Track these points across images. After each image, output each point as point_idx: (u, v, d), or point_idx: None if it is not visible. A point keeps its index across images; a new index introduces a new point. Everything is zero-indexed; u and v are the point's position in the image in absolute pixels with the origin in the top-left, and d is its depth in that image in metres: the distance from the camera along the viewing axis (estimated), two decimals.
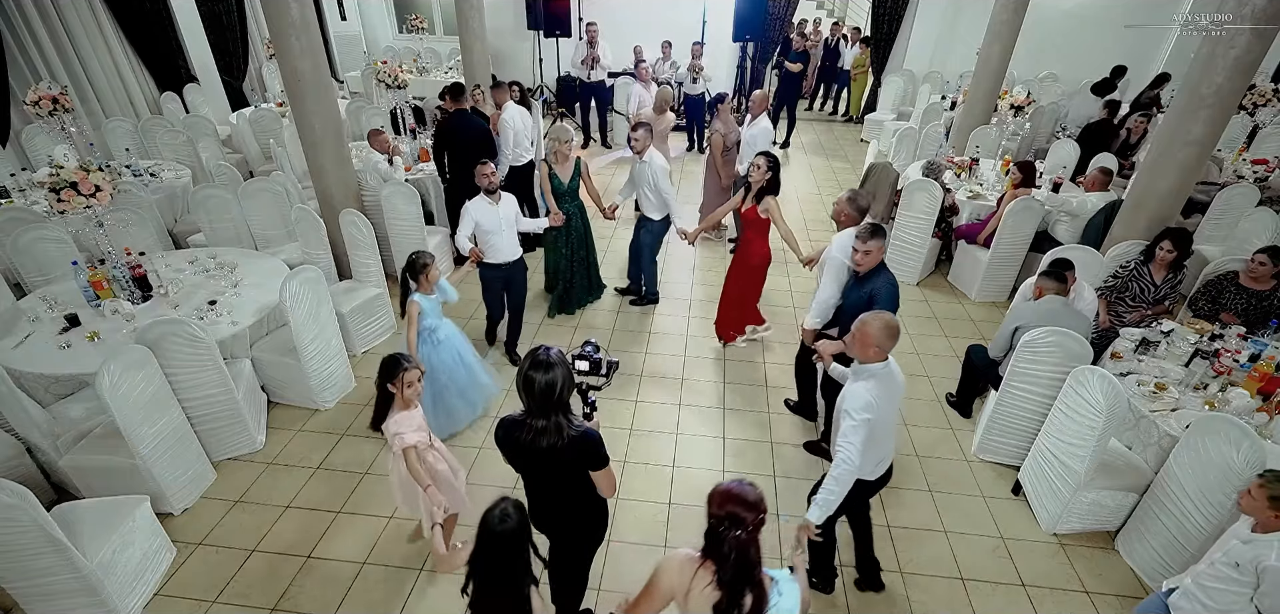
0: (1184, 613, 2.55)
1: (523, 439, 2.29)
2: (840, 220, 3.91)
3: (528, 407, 2.26)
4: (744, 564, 1.84)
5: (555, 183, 5.15)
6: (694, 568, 1.91)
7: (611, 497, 2.54)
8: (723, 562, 1.84)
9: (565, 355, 2.30)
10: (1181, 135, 4.53)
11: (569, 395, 2.27)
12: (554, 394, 2.20)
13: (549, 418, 2.24)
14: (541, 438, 2.25)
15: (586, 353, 2.53)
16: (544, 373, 2.19)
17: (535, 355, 2.23)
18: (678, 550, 2.00)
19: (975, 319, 5.77)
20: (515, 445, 2.34)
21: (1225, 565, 2.41)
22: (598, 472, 2.38)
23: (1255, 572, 2.31)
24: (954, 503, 3.90)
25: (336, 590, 3.30)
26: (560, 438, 2.25)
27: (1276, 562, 2.26)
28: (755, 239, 4.73)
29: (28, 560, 2.77)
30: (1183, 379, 3.71)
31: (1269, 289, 4.27)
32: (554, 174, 5.14)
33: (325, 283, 4.34)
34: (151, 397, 3.44)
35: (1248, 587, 2.35)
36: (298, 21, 4.58)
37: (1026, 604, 3.31)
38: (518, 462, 2.42)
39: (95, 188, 3.85)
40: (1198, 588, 2.50)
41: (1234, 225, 5.70)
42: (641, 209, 5.46)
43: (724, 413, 4.58)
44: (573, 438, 2.27)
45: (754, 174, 4.49)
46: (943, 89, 10.40)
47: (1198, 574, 2.53)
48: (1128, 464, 3.56)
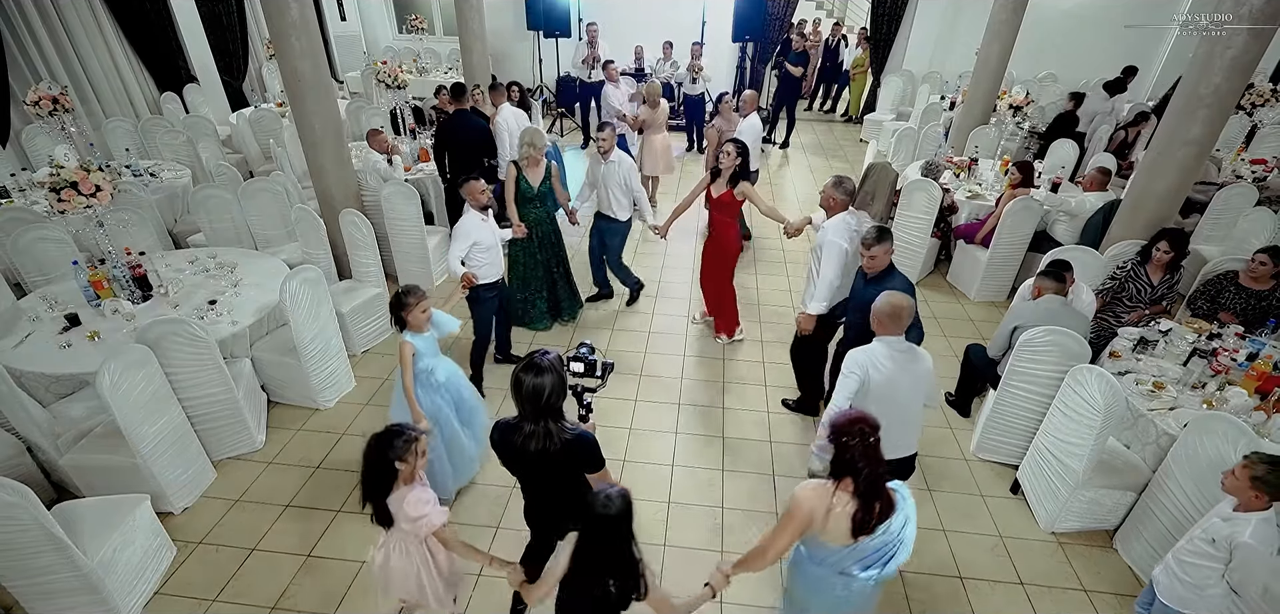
0: (1162, 586, 2.62)
1: (515, 443, 2.31)
2: (829, 207, 4.00)
3: (520, 410, 2.28)
4: (875, 473, 2.12)
5: (523, 186, 4.86)
6: (831, 490, 2.16)
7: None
8: (857, 474, 2.12)
9: (562, 361, 2.32)
10: (1180, 136, 4.54)
11: (559, 401, 2.27)
12: (541, 399, 2.21)
13: (538, 422, 2.25)
14: (531, 442, 2.27)
15: (581, 354, 2.54)
16: (533, 376, 2.21)
17: (531, 358, 2.25)
18: (806, 482, 2.25)
19: (974, 319, 5.78)
20: (510, 449, 2.35)
21: (1203, 541, 2.46)
22: (594, 474, 2.39)
23: (1229, 548, 2.37)
24: (953, 502, 3.91)
25: (336, 589, 3.31)
26: (550, 441, 2.26)
27: (1248, 539, 2.30)
28: (730, 225, 4.86)
29: (28, 559, 2.77)
30: (1181, 378, 3.71)
31: (1269, 289, 4.28)
32: (523, 177, 4.86)
33: (325, 282, 4.35)
34: (152, 396, 3.44)
35: (1221, 562, 2.41)
36: (297, 21, 4.59)
37: (1025, 602, 3.32)
38: (513, 465, 2.43)
39: (95, 188, 3.86)
40: (1176, 563, 2.57)
41: (1232, 225, 5.71)
42: (608, 211, 5.34)
43: (723, 412, 4.59)
44: (566, 442, 2.28)
45: (724, 160, 4.61)
46: (942, 89, 10.41)
47: (1177, 550, 2.59)
48: (1126, 463, 3.56)
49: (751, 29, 10.35)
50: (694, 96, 9.83)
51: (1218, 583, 2.43)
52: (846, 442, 2.13)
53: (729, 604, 3.24)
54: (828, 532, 2.17)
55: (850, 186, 3.93)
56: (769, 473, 4.09)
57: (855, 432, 2.12)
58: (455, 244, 4.13)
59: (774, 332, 5.41)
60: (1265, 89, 7.13)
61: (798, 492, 2.22)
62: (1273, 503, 2.31)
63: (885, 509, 2.16)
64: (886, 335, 2.90)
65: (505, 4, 11.24)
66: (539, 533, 2.79)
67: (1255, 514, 2.33)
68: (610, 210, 5.30)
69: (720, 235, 4.92)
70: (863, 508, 2.11)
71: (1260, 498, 2.31)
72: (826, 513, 2.15)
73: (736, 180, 4.63)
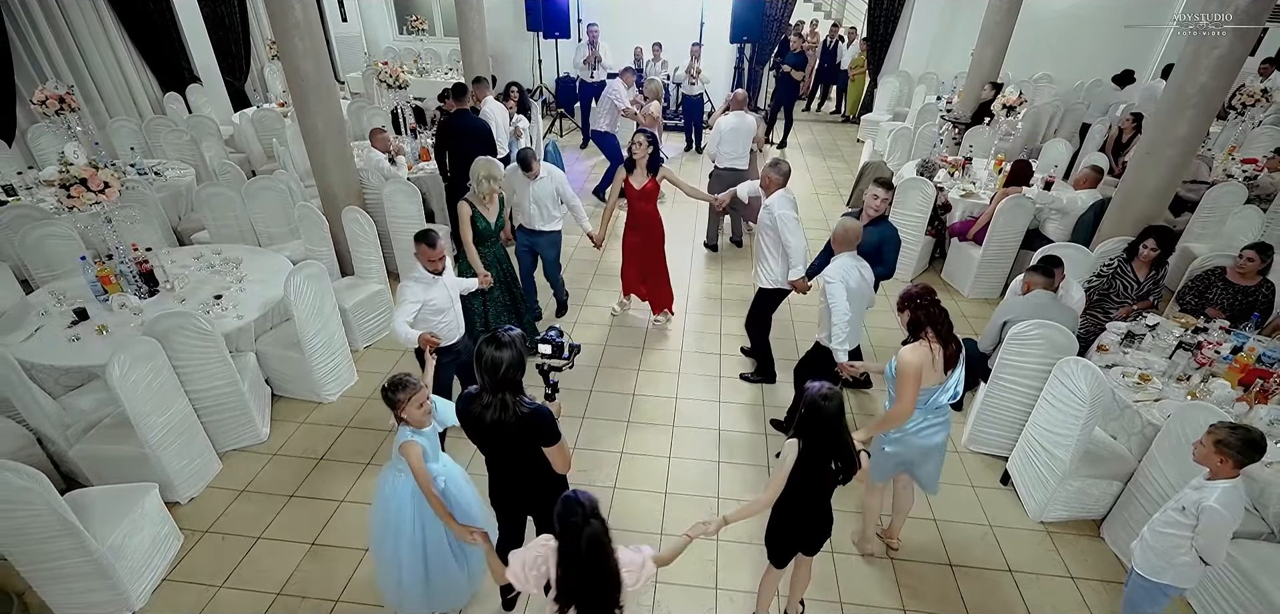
0: (1137, 558, 2.73)
1: (474, 411, 2.44)
2: (767, 186, 4.39)
3: (479, 380, 2.40)
4: (947, 320, 2.92)
5: (481, 225, 4.33)
6: (926, 344, 2.90)
7: (566, 472, 2.62)
8: (936, 324, 2.89)
9: (524, 339, 2.44)
10: (1168, 134, 4.63)
11: (517, 376, 2.38)
12: (499, 371, 2.33)
13: (496, 393, 2.37)
14: (488, 412, 2.39)
15: (550, 337, 2.67)
16: (494, 349, 2.33)
17: (495, 332, 2.38)
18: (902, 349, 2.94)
19: (968, 315, 5.86)
20: (469, 417, 2.48)
21: (1175, 510, 2.56)
22: (549, 448, 2.49)
23: (1197, 514, 2.46)
24: (944, 493, 3.96)
25: (341, 575, 3.38)
26: (505, 412, 2.38)
27: (1213, 503, 2.40)
28: (654, 210, 5.11)
29: (41, 543, 2.85)
30: (1166, 371, 3.80)
31: (1256, 284, 4.36)
32: (480, 216, 4.33)
33: (328, 278, 4.43)
34: (160, 387, 3.52)
35: (1190, 530, 2.50)
36: (301, 22, 4.67)
37: (1012, 589, 3.40)
38: (474, 435, 2.54)
39: (104, 184, 3.94)
40: (1150, 533, 2.67)
41: (1222, 223, 5.79)
42: (538, 225, 5.06)
43: (719, 406, 4.67)
44: (521, 415, 2.39)
45: (637, 151, 4.84)
46: (938, 90, 10.49)
47: (1153, 522, 2.68)
48: (1112, 453, 3.65)
49: (749, 30, 10.44)
50: (692, 97, 9.91)
51: (1187, 551, 2.53)
52: (919, 304, 2.90)
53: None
54: (929, 377, 2.90)
55: (785, 168, 4.39)
56: (765, 465, 4.17)
57: (923, 297, 2.91)
58: (399, 310, 3.36)
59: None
60: (1256, 90, 7.20)
61: (903, 355, 2.91)
62: (1239, 469, 2.42)
63: (958, 348, 2.94)
64: (845, 252, 3.70)
65: (505, 5, 11.33)
66: (506, 515, 2.89)
67: (1223, 482, 2.44)
68: (541, 224, 5.05)
69: (648, 224, 5.13)
70: (949, 345, 2.90)
71: (1226, 464, 2.41)
72: (930, 363, 2.88)
73: (655, 167, 4.89)
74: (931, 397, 2.98)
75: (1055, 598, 3.37)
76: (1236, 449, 2.38)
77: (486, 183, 4.31)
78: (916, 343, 2.91)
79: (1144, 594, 2.71)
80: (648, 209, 5.06)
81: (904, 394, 2.91)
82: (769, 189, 4.36)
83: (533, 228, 5.10)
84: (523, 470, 2.62)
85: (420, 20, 12.83)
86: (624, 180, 4.98)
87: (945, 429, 3.12)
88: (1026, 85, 9.79)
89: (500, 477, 2.72)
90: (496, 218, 4.43)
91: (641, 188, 4.93)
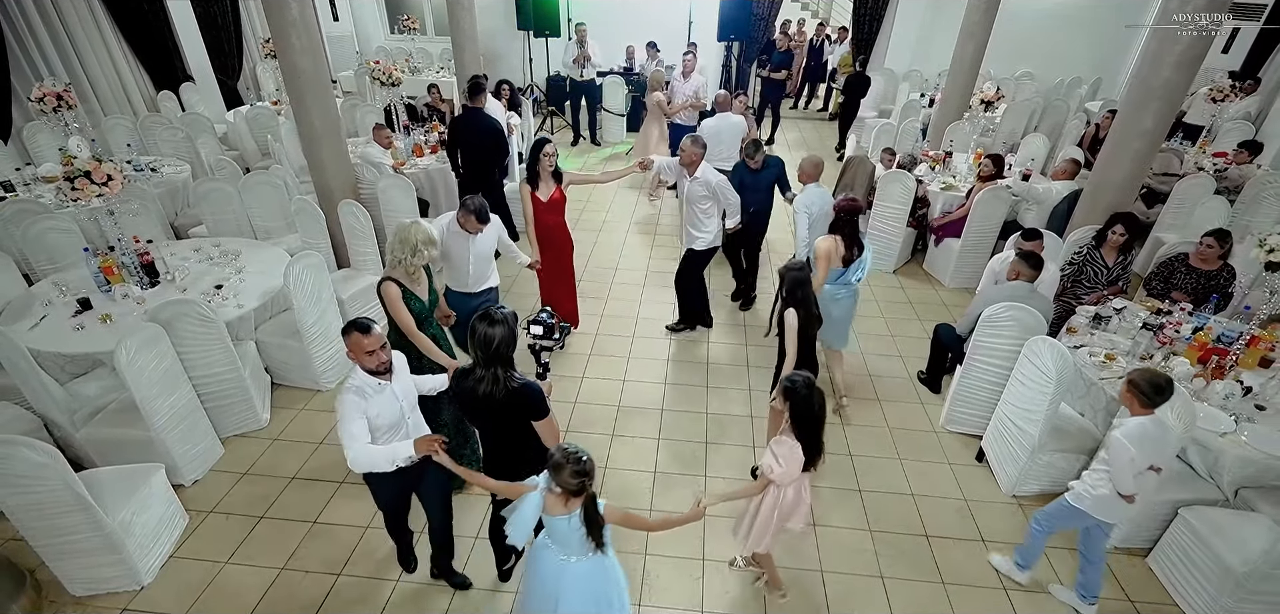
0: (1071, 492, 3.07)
1: (467, 386, 2.57)
2: (691, 162, 4.81)
3: (473, 356, 2.55)
4: (855, 227, 4.22)
5: (416, 306, 3.33)
6: (835, 239, 4.18)
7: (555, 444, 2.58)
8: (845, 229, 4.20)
9: (515, 317, 2.59)
10: (1134, 127, 4.83)
11: (508, 352, 2.52)
12: (492, 346, 2.47)
13: (488, 368, 2.51)
14: (480, 385, 2.52)
15: (541, 318, 2.84)
16: (487, 326, 2.48)
17: (487, 309, 2.52)
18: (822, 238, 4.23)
19: (948, 304, 6.05)
20: (464, 393, 2.62)
21: (1103, 452, 2.88)
22: (539, 422, 2.64)
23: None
24: (922, 470, 4.17)
25: (342, 551, 3.51)
26: (496, 386, 2.51)
27: (1117, 434, 2.73)
28: (561, 222, 4.81)
29: (55, 518, 2.97)
30: (1130, 350, 3.99)
31: (1217, 269, 4.57)
32: (411, 295, 3.31)
33: (326, 269, 4.55)
34: (165, 372, 3.64)
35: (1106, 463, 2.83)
36: (297, 20, 4.78)
37: (984, 558, 3.58)
38: (467, 410, 2.68)
39: (107, 176, 4.05)
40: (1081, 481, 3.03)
41: (1191, 214, 6.01)
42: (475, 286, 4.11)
43: (707, 390, 4.83)
44: (511, 389, 2.53)
45: (544, 164, 4.55)
46: (922, 87, 10.72)
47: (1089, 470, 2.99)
48: (1079, 428, 3.84)
49: (737, 29, 10.60)
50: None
51: (1105, 484, 2.86)
52: (841, 214, 4.20)
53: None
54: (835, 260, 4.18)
55: (702, 142, 4.83)
56: (750, 445, 4.34)
57: (849, 210, 4.19)
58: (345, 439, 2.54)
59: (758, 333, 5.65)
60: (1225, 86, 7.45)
61: (818, 243, 4.19)
62: (1148, 408, 2.73)
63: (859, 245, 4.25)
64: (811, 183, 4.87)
65: (496, 4, 11.45)
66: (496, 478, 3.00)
67: (1134, 419, 2.75)
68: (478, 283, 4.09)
69: (558, 238, 4.82)
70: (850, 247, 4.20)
71: (1134, 402, 2.75)
72: (836, 250, 4.17)
73: (559, 177, 4.69)
74: (840, 277, 4.26)
75: None
76: (1141, 389, 2.72)
77: (425, 250, 3.27)
78: (829, 238, 4.19)
79: (1062, 511, 3.12)
80: (555, 222, 4.73)
81: (819, 270, 4.15)
82: (691, 163, 4.79)
83: (467, 291, 4.06)
84: (514, 443, 2.74)
85: (412, 20, 12.93)
86: (529, 195, 4.60)
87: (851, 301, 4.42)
88: (1007, 83, 10.03)
89: (493, 449, 2.85)
90: (429, 293, 3.47)
91: (548, 199, 4.61)
